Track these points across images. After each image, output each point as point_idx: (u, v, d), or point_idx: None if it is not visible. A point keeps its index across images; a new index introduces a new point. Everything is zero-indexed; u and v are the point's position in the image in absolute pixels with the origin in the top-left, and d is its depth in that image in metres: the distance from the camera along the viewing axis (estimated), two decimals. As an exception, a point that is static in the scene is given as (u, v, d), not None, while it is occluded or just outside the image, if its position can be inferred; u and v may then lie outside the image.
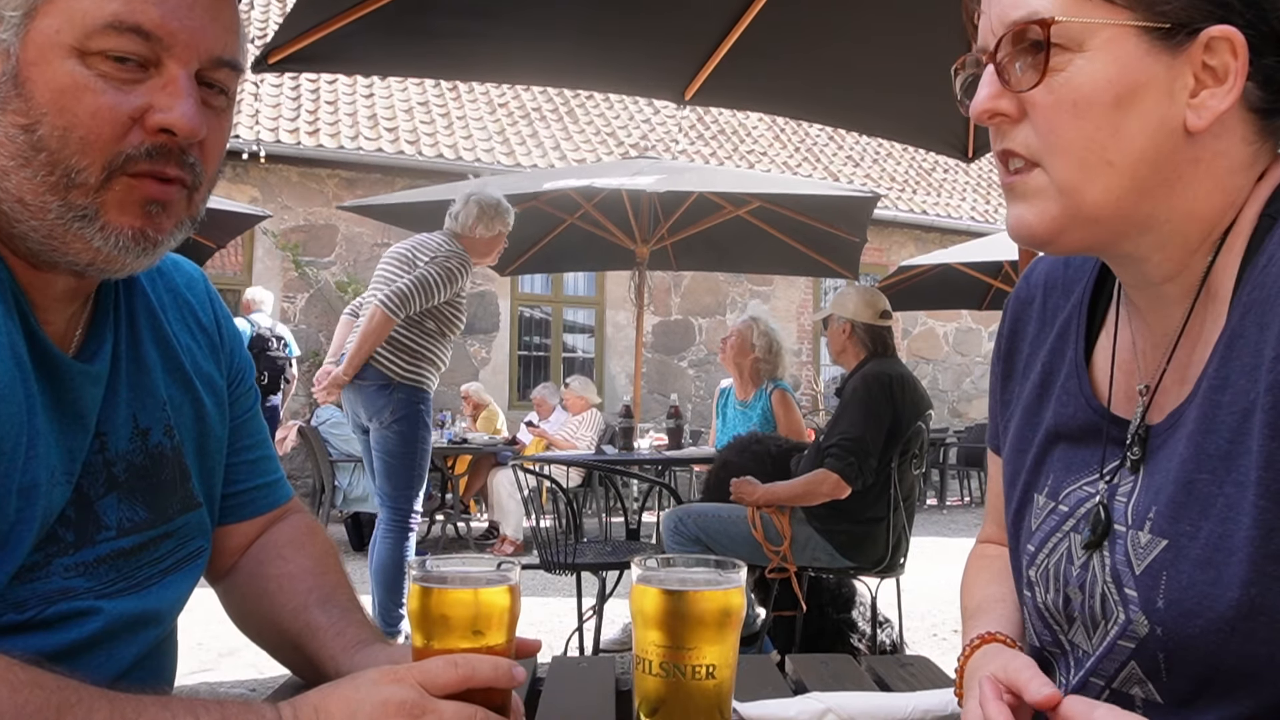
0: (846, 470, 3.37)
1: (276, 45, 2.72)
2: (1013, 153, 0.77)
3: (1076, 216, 0.76)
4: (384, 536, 3.88)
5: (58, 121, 0.77)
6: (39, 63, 0.77)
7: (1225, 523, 0.71)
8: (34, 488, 0.80)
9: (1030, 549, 0.89)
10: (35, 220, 0.80)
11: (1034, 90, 0.74)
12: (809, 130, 13.79)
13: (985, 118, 0.78)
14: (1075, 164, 0.74)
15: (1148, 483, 0.79)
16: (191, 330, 1.04)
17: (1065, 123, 0.74)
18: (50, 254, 0.82)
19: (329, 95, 10.60)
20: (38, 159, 0.78)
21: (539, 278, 10.84)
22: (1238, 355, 0.73)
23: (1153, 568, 0.75)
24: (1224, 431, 0.72)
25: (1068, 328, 0.92)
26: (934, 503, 10.35)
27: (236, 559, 1.09)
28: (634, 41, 3.21)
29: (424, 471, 3.95)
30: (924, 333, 12.83)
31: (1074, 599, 0.83)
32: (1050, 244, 0.79)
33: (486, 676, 0.74)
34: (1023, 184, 0.77)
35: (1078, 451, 0.88)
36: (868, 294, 3.79)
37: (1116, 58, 0.72)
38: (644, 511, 4.57)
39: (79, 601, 0.84)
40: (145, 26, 0.78)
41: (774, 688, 1.02)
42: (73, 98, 0.77)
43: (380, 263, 4.03)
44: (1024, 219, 0.78)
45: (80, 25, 0.77)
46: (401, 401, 3.84)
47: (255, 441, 1.11)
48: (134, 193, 0.81)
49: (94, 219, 0.80)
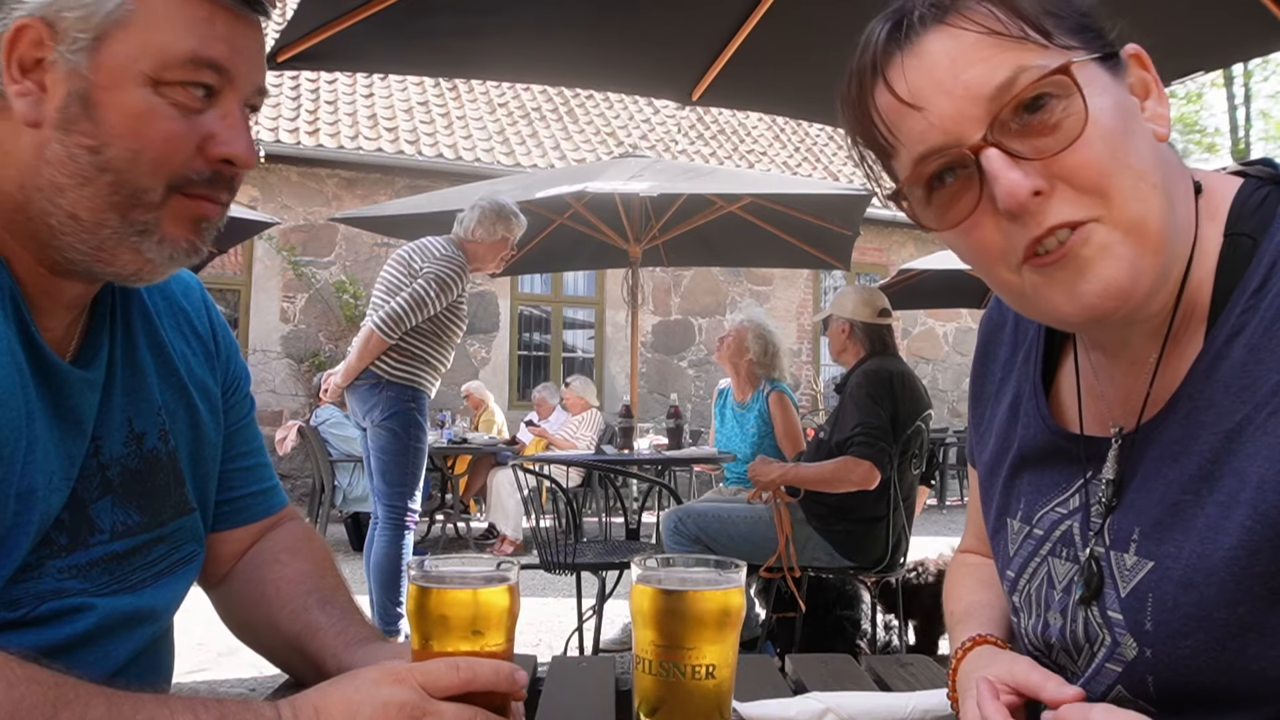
0: (878, 456, 3.32)
1: (284, 44, 2.72)
2: (1066, 223, 0.69)
3: (1146, 249, 0.70)
4: (380, 535, 3.90)
5: (130, 145, 0.80)
6: (112, 87, 0.79)
7: (1205, 543, 0.71)
8: (32, 493, 0.80)
9: (1010, 575, 0.89)
10: (87, 234, 0.82)
11: (1074, 145, 0.68)
12: (809, 130, 13.79)
13: (1030, 200, 0.69)
14: (1135, 198, 0.70)
15: (1126, 502, 0.78)
16: (186, 337, 1.04)
17: (1108, 162, 0.69)
18: (91, 265, 0.84)
19: (329, 95, 10.60)
20: (101, 179, 0.81)
21: (539, 277, 10.84)
22: (1222, 377, 0.72)
23: (1139, 590, 0.75)
24: (1205, 452, 0.72)
25: (1030, 351, 0.92)
26: (934, 503, 10.35)
27: (231, 565, 1.09)
28: (641, 42, 3.20)
29: (418, 470, 3.95)
30: (924, 333, 12.83)
31: (1053, 624, 0.83)
32: (1133, 293, 0.71)
33: (488, 680, 0.74)
34: (1083, 248, 0.70)
35: (1045, 474, 0.87)
36: (866, 293, 3.78)
37: (1103, 87, 0.72)
38: (644, 511, 4.56)
39: (72, 599, 0.85)
40: (218, 61, 0.82)
41: (774, 688, 1.02)
42: (147, 123, 0.80)
43: (385, 264, 4.04)
44: (1108, 278, 0.70)
45: (158, 56, 0.80)
46: (391, 399, 3.85)
47: (250, 449, 1.11)
48: (189, 210, 0.85)
49: (152, 233, 0.84)
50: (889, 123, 0.74)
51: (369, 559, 3.93)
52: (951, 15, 0.72)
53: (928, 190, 0.74)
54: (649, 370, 11.20)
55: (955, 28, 0.71)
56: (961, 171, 0.72)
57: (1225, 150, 21.04)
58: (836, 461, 3.40)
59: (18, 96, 0.79)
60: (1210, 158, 22.39)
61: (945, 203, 0.73)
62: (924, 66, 0.72)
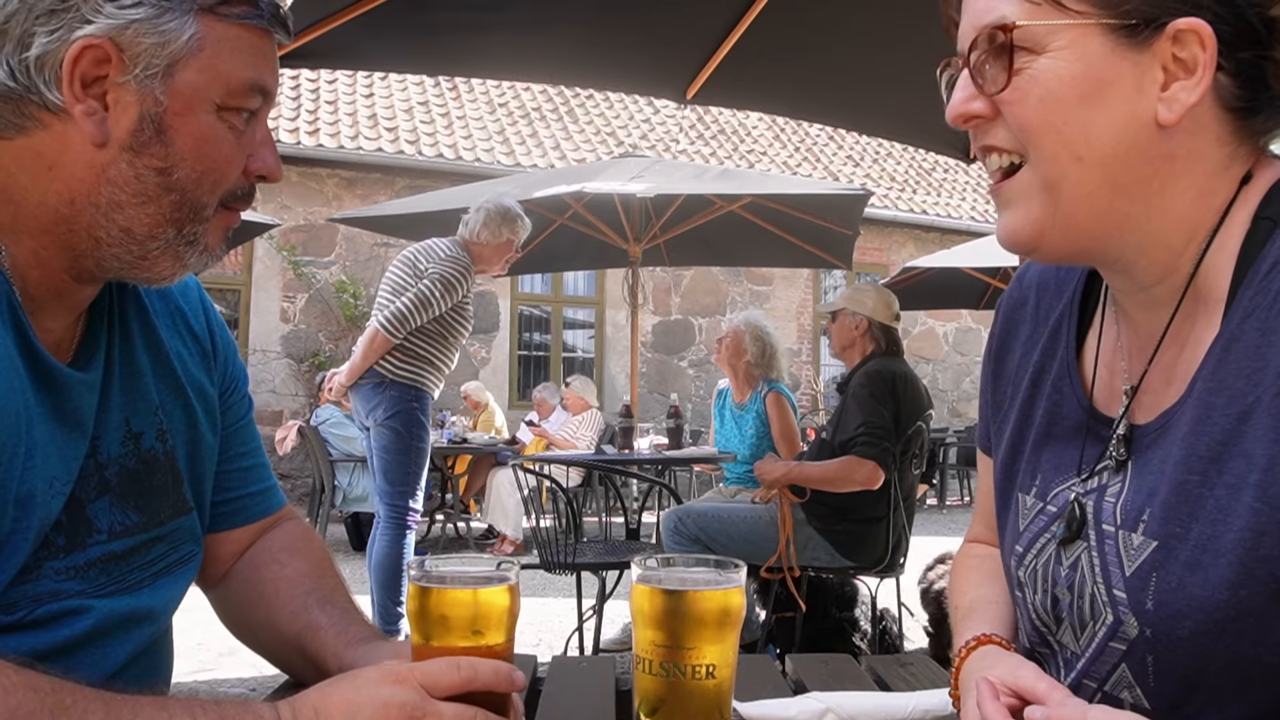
0: (883, 456, 3.32)
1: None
2: (993, 147, 0.79)
3: (1056, 216, 0.77)
4: (381, 534, 3.92)
5: (197, 167, 0.85)
6: (185, 114, 0.84)
7: (1214, 524, 0.71)
8: (31, 498, 0.80)
9: (1019, 550, 0.90)
10: (136, 246, 0.86)
11: (1003, 92, 0.76)
12: (809, 130, 13.79)
13: (960, 121, 0.80)
14: (1049, 159, 0.76)
15: (1139, 483, 0.79)
16: (183, 337, 1.04)
17: (1035, 121, 0.75)
18: (126, 271, 0.88)
19: (329, 95, 10.60)
20: (166, 199, 0.85)
21: (539, 277, 10.84)
22: (1235, 358, 0.73)
23: (1142, 569, 0.75)
24: (1216, 434, 0.73)
25: (1059, 328, 0.93)
26: (934, 503, 10.35)
27: (230, 565, 1.09)
28: (636, 40, 3.21)
29: (420, 470, 3.97)
30: (924, 333, 12.84)
31: (1062, 599, 0.83)
32: (1036, 249, 0.79)
33: (488, 679, 0.74)
34: (1009, 188, 0.79)
35: (1066, 451, 0.88)
36: (885, 294, 3.80)
37: (1080, 56, 0.73)
38: (644, 511, 4.56)
39: (70, 601, 0.84)
40: (268, 88, 0.89)
41: (774, 688, 1.02)
42: (213, 146, 0.86)
43: (390, 265, 4.07)
44: (1010, 224, 0.79)
45: (225, 84, 0.85)
46: (394, 399, 3.87)
47: (248, 449, 1.11)
48: (226, 220, 0.92)
49: (198, 243, 0.89)
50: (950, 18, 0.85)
51: (370, 559, 3.94)
52: None
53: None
54: (649, 370, 11.20)
55: None
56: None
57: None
58: (840, 461, 3.40)
59: (84, 115, 0.81)
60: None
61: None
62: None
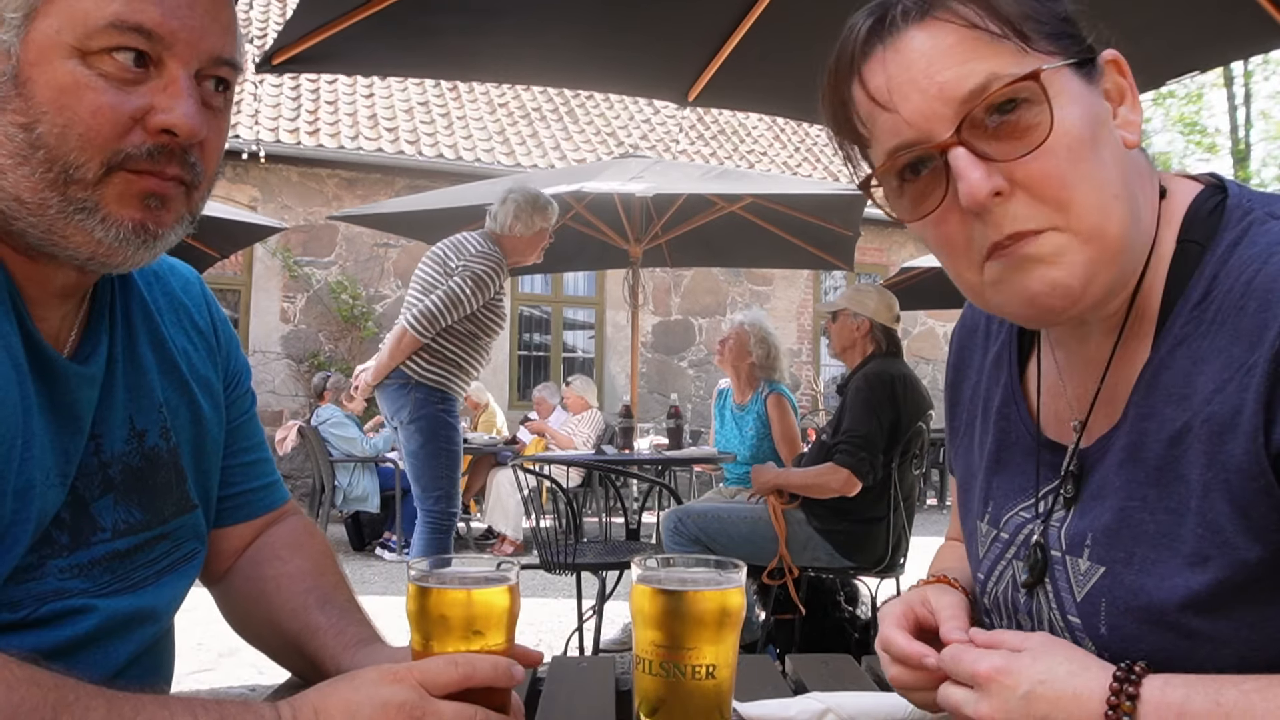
0: (858, 465, 3.37)
1: (281, 46, 2.71)
2: (1022, 234, 0.71)
3: (1102, 258, 0.72)
4: (417, 536, 3.81)
5: (57, 120, 0.77)
6: (40, 63, 0.77)
7: (1157, 549, 0.72)
8: (29, 489, 0.80)
9: (980, 577, 0.91)
10: (34, 216, 0.80)
11: (1031, 154, 0.70)
12: (809, 130, 13.77)
13: (990, 200, 0.70)
14: (1094, 209, 0.71)
15: (1081, 508, 0.80)
16: (188, 333, 1.04)
17: (1071, 173, 0.71)
18: (50, 247, 0.82)
19: (329, 95, 10.60)
20: (36, 156, 0.78)
21: (539, 277, 10.83)
22: (1164, 385, 0.73)
23: (1092, 595, 0.76)
24: (1152, 460, 0.73)
25: (1002, 353, 0.94)
26: (934, 503, 10.36)
27: (233, 561, 1.09)
28: (637, 42, 3.20)
29: (452, 473, 3.83)
30: (924, 333, 12.83)
31: (1025, 626, 0.84)
32: (1083, 296, 0.73)
33: (486, 676, 0.74)
34: (1037, 249, 0.72)
35: (1014, 478, 0.89)
36: (886, 295, 3.80)
37: (1075, 97, 0.73)
38: (644, 511, 4.56)
39: (73, 600, 0.84)
40: (147, 26, 0.78)
41: (774, 688, 1.02)
42: (73, 96, 0.77)
43: (419, 263, 3.92)
44: (1055, 279, 0.72)
45: (82, 25, 0.77)
46: (420, 401, 3.75)
47: (252, 444, 1.11)
48: (133, 186, 0.81)
49: (94, 211, 0.80)
50: (865, 114, 0.77)
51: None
52: (935, 11, 0.73)
53: (900, 182, 0.76)
54: (649, 370, 11.20)
55: (937, 23, 0.72)
56: (932, 165, 0.74)
57: (1225, 150, 21.05)
58: (819, 468, 3.46)
59: None
60: (1210, 158, 22.41)
61: (916, 195, 0.76)
62: (902, 63, 0.73)
